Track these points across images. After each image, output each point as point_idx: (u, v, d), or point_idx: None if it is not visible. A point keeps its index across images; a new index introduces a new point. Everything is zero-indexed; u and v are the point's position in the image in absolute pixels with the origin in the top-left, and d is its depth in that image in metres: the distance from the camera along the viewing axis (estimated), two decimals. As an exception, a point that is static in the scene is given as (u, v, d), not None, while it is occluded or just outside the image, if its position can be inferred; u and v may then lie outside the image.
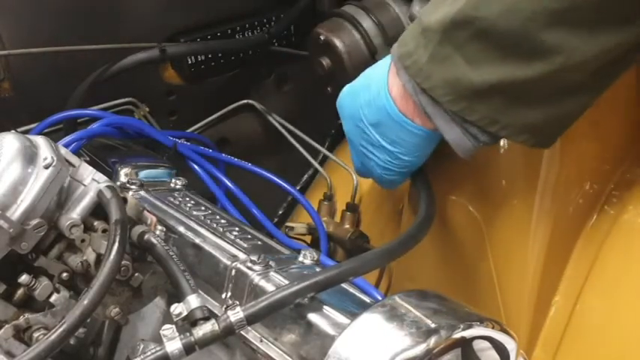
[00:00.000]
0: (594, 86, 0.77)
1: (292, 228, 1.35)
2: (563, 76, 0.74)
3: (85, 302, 0.72)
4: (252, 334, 0.79)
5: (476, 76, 0.75)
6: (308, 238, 1.36)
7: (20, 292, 0.79)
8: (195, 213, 0.99)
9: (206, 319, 0.74)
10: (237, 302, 0.74)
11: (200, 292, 0.79)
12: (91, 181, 0.83)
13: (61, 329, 0.70)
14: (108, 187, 0.82)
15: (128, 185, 1.06)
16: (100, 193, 0.82)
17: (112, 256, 0.75)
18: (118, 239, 0.76)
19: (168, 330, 0.72)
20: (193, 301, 0.76)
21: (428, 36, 0.78)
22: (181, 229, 0.94)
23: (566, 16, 0.70)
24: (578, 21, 0.71)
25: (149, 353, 0.71)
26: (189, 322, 0.75)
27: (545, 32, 0.71)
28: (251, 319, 0.72)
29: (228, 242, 0.90)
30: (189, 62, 1.37)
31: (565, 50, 0.72)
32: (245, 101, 1.50)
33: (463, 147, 0.82)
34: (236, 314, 0.72)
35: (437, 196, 0.94)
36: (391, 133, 0.88)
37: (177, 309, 0.76)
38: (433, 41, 0.77)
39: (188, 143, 1.32)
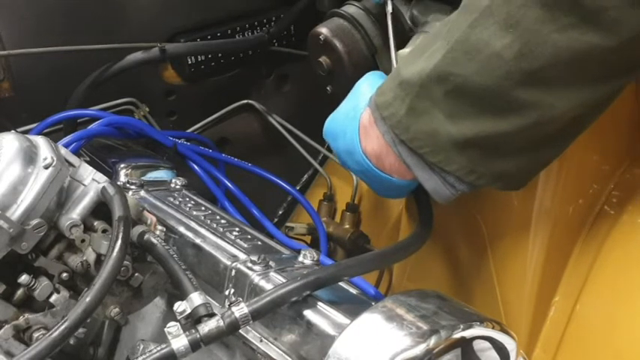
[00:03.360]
0: (570, 134, 0.78)
1: (292, 228, 1.35)
2: (539, 129, 0.74)
3: (87, 300, 0.72)
4: (252, 334, 0.79)
5: (454, 130, 0.76)
6: (308, 238, 1.36)
7: (20, 292, 0.79)
8: (195, 213, 0.99)
9: (210, 315, 0.74)
10: (241, 299, 0.74)
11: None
12: (91, 181, 0.83)
13: (62, 328, 0.70)
14: (111, 184, 0.82)
15: (128, 185, 1.06)
16: (103, 190, 0.82)
17: (114, 253, 0.75)
18: (121, 236, 0.76)
19: (173, 327, 0.72)
20: (196, 298, 0.76)
21: (406, 89, 0.79)
22: (181, 229, 0.94)
23: (540, 75, 0.71)
24: (552, 80, 0.71)
25: (155, 351, 0.70)
26: (193, 319, 0.75)
27: (520, 90, 0.71)
28: (255, 315, 0.72)
29: (228, 242, 0.90)
30: (189, 62, 1.37)
31: (540, 106, 0.72)
32: (245, 101, 1.50)
33: (442, 195, 0.82)
34: (240, 310, 0.72)
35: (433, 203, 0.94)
36: (375, 182, 0.90)
37: (181, 307, 0.76)
38: (411, 94, 0.78)
39: (188, 143, 1.33)
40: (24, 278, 0.77)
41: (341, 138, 0.91)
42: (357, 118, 0.87)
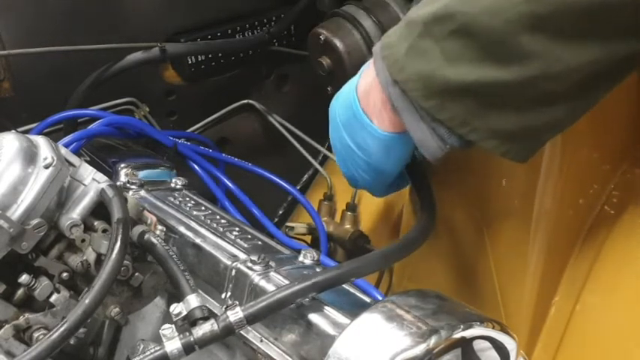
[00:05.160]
0: (574, 99, 0.74)
1: (292, 228, 1.35)
2: (541, 84, 0.71)
3: (87, 301, 0.72)
4: (252, 334, 0.79)
5: (452, 74, 0.73)
6: (308, 238, 1.36)
7: (20, 292, 0.79)
8: (195, 213, 0.99)
9: (205, 318, 0.74)
10: (237, 302, 0.74)
11: (200, 291, 0.79)
12: (91, 181, 0.83)
13: (62, 328, 0.70)
14: (110, 185, 0.82)
15: (128, 185, 1.06)
16: (102, 192, 0.82)
17: (113, 255, 0.75)
18: (120, 238, 0.76)
19: (167, 330, 0.72)
20: (193, 300, 0.76)
21: (410, 27, 0.75)
22: (181, 229, 0.94)
23: (550, 22, 0.68)
24: (562, 29, 0.68)
25: (148, 353, 0.71)
26: (189, 321, 0.75)
27: (526, 36, 0.69)
28: (251, 319, 0.72)
29: (228, 242, 0.90)
30: (190, 62, 1.37)
31: (545, 57, 0.69)
32: (245, 101, 1.50)
33: (429, 148, 0.78)
34: (235, 314, 0.72)
35: (437, 197, 0.94)
36: (356, 135, 0.86)
37: (177, 309, 0.76)
38: (414, 33, 0.75)
39: (188, 143, 1.33)
40: (24, 278, 0.77)
41: (342, 91, 0.88)
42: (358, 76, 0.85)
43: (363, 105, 0.84)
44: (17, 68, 1.23)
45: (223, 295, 0.85)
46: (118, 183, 1.06)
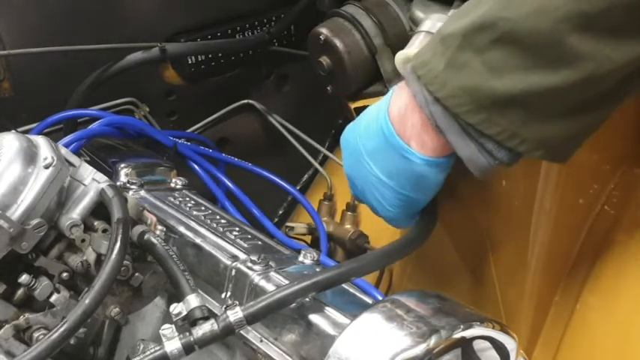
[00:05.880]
0: (616, 97, 0.72)
1: (292, 228, 1.35)
2: (590, 85, 0.68)
3: (87, 301, 0.72)
4: (252, 334, 0.79)
5: (498, 85, 0.69)
6: (308, 238, 1.36)
7: (20, 292, 0.79)
8: (195, 213, 0.99)
9: (205, 318, 0.74)
10: (237, 302, 0.74)
11: (200, 291, 0.79)
12: (91, 181, 0.83)
13: (62, 328, 0.70)
14: (110, 186, 0.82)
15: (128, 185, 1.06)
16: (102, 192, 0.82)
17: (113, 255, 0.75)
18: (119, 238, 0.76)
19: (167, 330, 0.72)
20: (193, 300, 0.76)
21: (446, 42, 0.72)
22: (181, 229, 0.94)
23: (599, 20, 0.65)
24: (611, 27, 0.66)
25: (148, 353, 0.71)
26: (189, 321, 0.75)
27: (576, 37, 0.66)
28: (250, 319, 0.72)
29: (228, 242, 0.90)
30: (190, 62, 1.37)
31: (595, 58, 0.67)
32: (245, 101, 1.50)
33: (478, 165, 0.75)
34: (235, 314, 0.72)
35: (438, 197, 0.94)
36: (388, 163, 0.81)
37: (177, 309, 0.76)
38: (452, 47, 0.71)
39: (188, 143, 1.32)
40: (24, 278, 0.77)
41: (364, 117, 0.84)
42: (389, 93, 0.80)
43: (399, 130, 0.79)
44: (17, 68, 1.23)
45: (223, 295, 0.85)
46: (118, 183, 1.06)
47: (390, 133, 0.79)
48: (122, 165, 1.10)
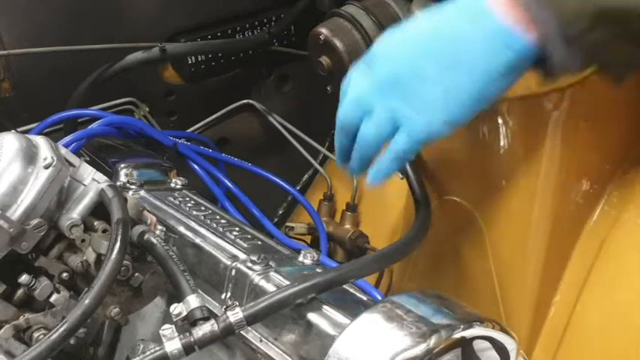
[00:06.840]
0: None
1: (292, 228, 1.35)
2: None
3: (87, 301, 0.72)
4: (252, 334, 0.79)
5: None
6: (308, 238, 1.36)
7: (20, 292, 0.79)
8: (195, 213, 0.99)
9: (205, 319, 0.74)
10: (237, 303, 0.74)
11: (200, 292, 0.79)
12: (91, 181, 0.83)
13: (62, 328, 0.70)
14: (110, 186, 0.82)
15: (128, 185, 1.06)
16: (102, 192, 0.82)
17: (113, 256, 0.75)
18: (119, 239, 0.76)
19: (167, 330, 0.72)
20: (193, 301, 0.76)
21: None
22: (181, 229, 0.94)
23: None
24: None
25: (148, 353, 0.71)
26: (189, 322, 0.75)
27: None
28: (250, 320, 0.72)
29: (228, 242, 0.90)
30: (190, 62, 1.37)
31: None
32: (245, 101, 1.50)
33: (559, 62, 0.69)
34: (235, 315, 0.72)
35: (437, 197, 0.94)
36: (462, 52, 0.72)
37: (177, 309, 0.76)
38: None
39: (188, 143, 1.32)
40: (24, 278, 0.77)
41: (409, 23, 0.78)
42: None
43: (509, 13, 0.70)
44: (17, 68, 1.23)
45: (223, 296, 0.85)
46: (118, 183, 1.06)
47: (491, 17, 0.70)
48: (122, 165, 1.10)
